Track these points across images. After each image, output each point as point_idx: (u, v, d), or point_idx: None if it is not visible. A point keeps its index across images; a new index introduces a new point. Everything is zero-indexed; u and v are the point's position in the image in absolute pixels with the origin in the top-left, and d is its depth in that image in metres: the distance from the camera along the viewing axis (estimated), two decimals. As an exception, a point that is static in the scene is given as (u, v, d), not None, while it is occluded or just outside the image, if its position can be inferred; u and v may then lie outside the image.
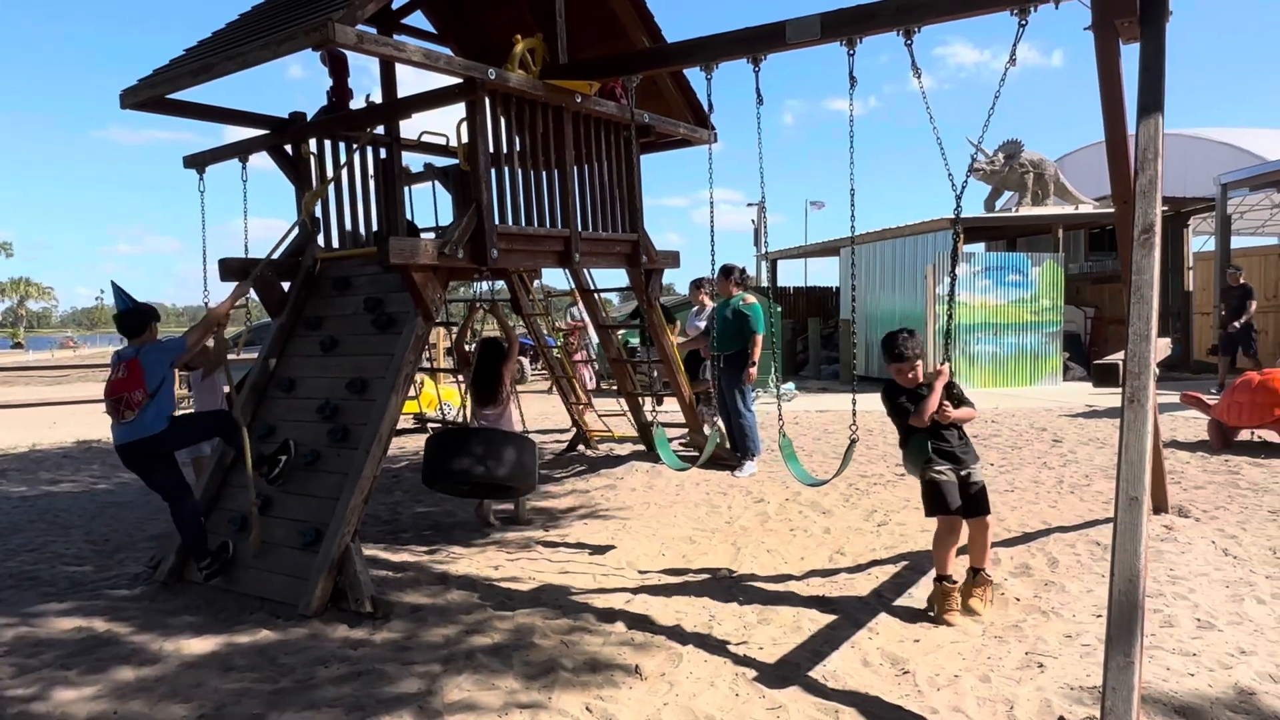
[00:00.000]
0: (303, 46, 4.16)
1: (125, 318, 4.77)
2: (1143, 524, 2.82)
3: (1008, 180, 14.70)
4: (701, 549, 5.37)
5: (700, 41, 4.99)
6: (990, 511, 4.12)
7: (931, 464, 4.07)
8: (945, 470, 4.06)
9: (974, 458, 4.15)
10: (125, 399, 4.53)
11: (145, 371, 4.54)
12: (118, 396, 4.56)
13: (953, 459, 4.08)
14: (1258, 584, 4.25)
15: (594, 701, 3.25)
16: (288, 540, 4.62)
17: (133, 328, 4.73)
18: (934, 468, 4.06)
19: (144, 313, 4.80)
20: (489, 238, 5.05)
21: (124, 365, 4.61)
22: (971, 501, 4.06)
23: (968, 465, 4.08)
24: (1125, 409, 3.03)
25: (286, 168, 5.87)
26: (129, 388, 4.53)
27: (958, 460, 4.08)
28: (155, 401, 4.54)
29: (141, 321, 4.74)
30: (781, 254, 20.56)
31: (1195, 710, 3.01)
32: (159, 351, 4.65)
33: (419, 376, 9.81)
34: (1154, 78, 3.63)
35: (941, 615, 3.99)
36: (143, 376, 4.53)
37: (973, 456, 4.14)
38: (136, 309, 4.81)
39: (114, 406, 4.58)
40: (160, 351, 4.66)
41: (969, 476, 4.06)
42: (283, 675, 3.58)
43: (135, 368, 4.55)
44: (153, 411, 4.54)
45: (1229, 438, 7.89)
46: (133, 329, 4.73)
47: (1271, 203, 18.57)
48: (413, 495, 7.06)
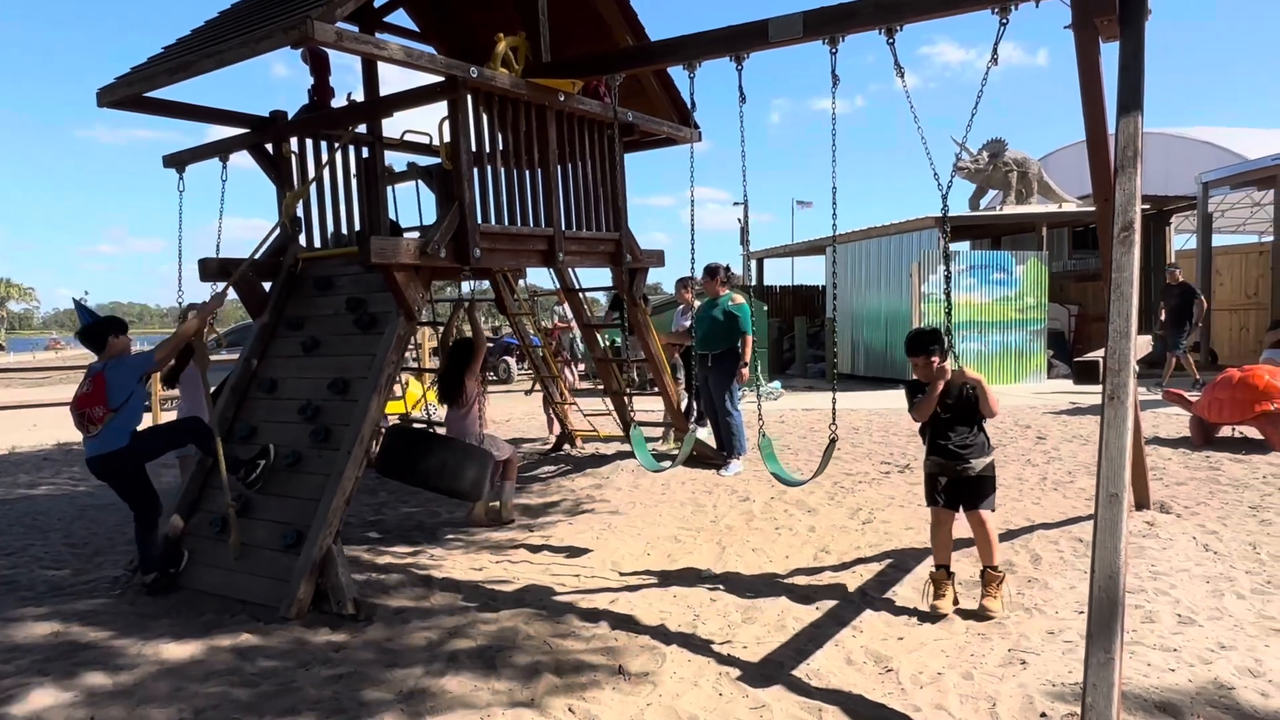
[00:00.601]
0: (281, 44, 4.12)
1: (86, 334, 4.78)
2: (1123, 520, 2.83)
3: (992, 179, 14.78)
4: (686, 548, 5.36)
5: (683, 40, 4.98)
6: (987, 507, 4.09)
7: (930, 457, 4.17)
8: (936, 463, 4.13)
9: (979, 452, 4.11)
10: (88, 414, 4.54)
11: (109, 387, 4.53)
12: (81, 411, 4.58)
13: (946, 454, 4.10)
14: (1238, 579, 4.27)
15: (577, 703, 3.23)
16: (269, 542, 4.58)
17: (95, 343, 4.73)
18: (929, 459, 4.18)
19: (103, 328, 4.78)
20: (471, 237, 5.03)
21: (90, 380, 4.62)
22: (966, 496, 4.09)
23: (966, 460, 4.07)
24: (1105, 406, 3.04)
25: (267, 167, 5.83)
26: (91, 403, 4.54)
27: (953, 456, 4.09)
28: (118, 417, 4.54)
29: (101, 337, 4.73)
30: (767, 253, 20.60)
31: (1175, 706, 3.02)
32: (125, 368, 4.65)
33: (404, 376, 9.76)
34: (1133, 76, 3.65)
35: (930, 604, 4.06)
36: (105, 392, 4.52)
37: (978, 451, 4.10)
38: (96, 325, 4.80)
39: (79, 420, 4.60)
40: (126, 368, 4.65)
41: (965, 471, 4.07)
42: (263, 679, 3.54)
43: (99, 383, 4.56)
44: (115, 427, 4.54)
45: (1210, 434, 7.95)
46: (95, 344, 4.73)
47: (1252, 201, 18.76)
48: (398, 496, 7.02)
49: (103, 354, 4.72)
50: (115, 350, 4.73)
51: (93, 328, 4.78)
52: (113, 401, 4.53)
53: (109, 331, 4.76)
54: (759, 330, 14.33)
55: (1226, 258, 17.15)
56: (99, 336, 4.73)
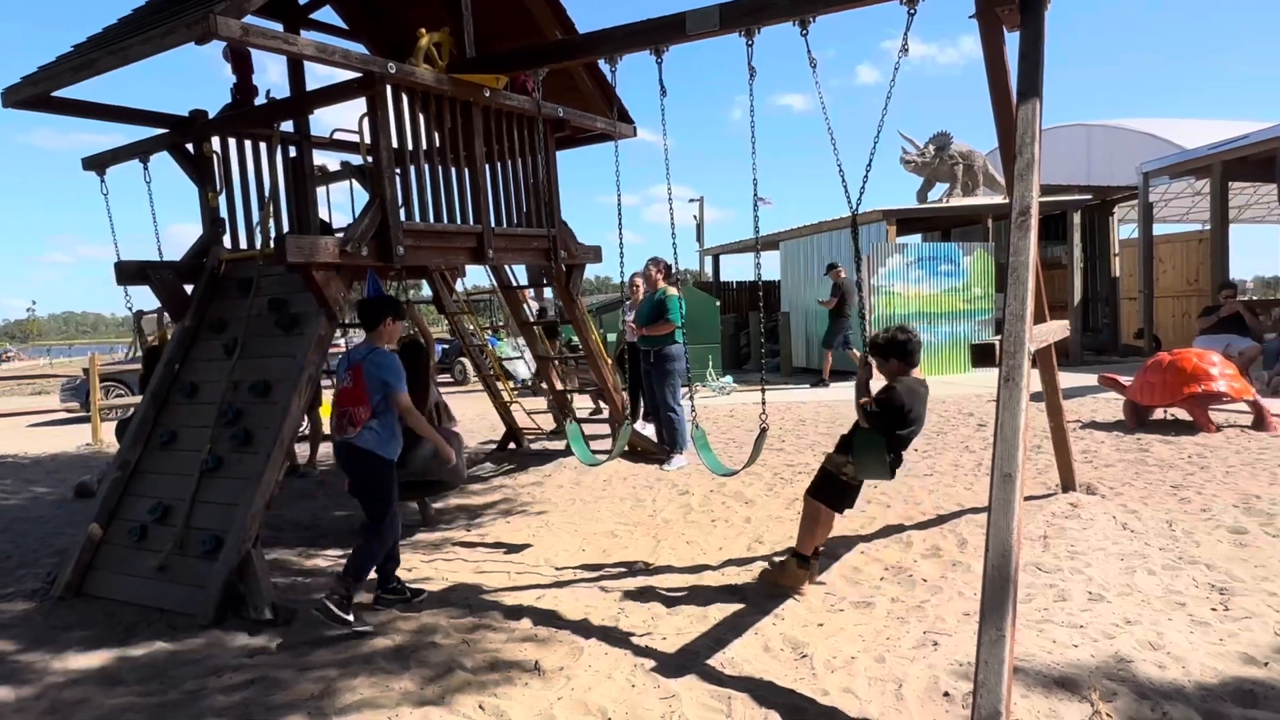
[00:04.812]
0: (185, 40, 4.04)
1: (362, 305, 4.46)
2: (1015, 500, 2.87)
3: (938, 172, 14.95)
4: (622, 543, 5.36)
5: (603, 34, 4.97)
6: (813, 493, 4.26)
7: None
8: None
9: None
10: (350, 414, 4.15)
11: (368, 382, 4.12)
12: (342, 410, 4.18)
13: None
14: (1151, 556, 4.37)
15: (488, 700, 3.21)
16: (189, 549, 4.49)
17: (369, 320, 4.32)
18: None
19: (382, 307, 4.36)
20: (394, 234, 4.97)
21: (349, 372, 4.22)
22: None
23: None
24: (1000, 388, 3.09)
25: (188, 167, 5.72)
26: (352, 401, 4.15)
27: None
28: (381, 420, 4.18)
29: (376, 315, 4.30)
30: (723, 249, 20.67)
31: (1073, 681, 3.07)
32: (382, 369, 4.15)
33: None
34: (1032, 64, 3.70)
35: (794, 588, 4.18)
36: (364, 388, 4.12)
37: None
38: (378, 301, 4.48)
39: (338, 421, 4.21)
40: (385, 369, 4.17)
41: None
42: (172, 687, 3.47)
43: (358, 377, 4.14)
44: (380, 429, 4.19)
45: (1143, 417, 8.13)
46: (369, 322, 4.32)
47: (1193, 190, 19.20)
48: (336, 501, 6.93)
49: (371, 335, 4.29)
50: (385, 336, 4.31)
51: (374, 302, 4.44)
52: (373, 400, 4.11)
53: (387, 312, 4.32)
54: (711, 325, 14.39)
55: (1169, 246, 17.55)
56: (375, 314, 4.29)
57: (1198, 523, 4.88)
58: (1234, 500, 5.28)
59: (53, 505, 7.33)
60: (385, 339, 4.32)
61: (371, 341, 4.29)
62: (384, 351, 4.25)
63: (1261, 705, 2.87)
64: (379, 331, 4.29)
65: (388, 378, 4.12)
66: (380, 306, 4.37)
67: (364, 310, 4.41)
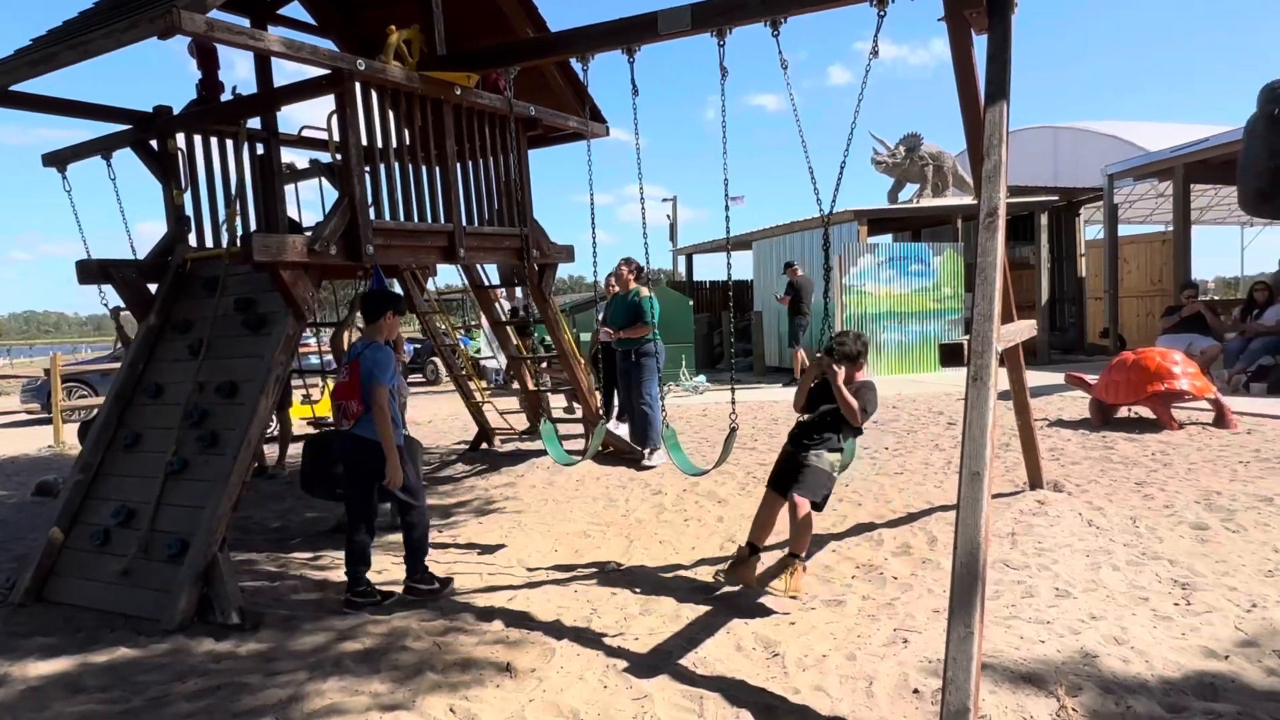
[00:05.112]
0: (148, 35, 3.96)
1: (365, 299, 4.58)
2: (984, 498, 2.90)
3: (909, 173, 15.08)
4: (595, 543, 5.34)
5: (575, 32, 4.95)
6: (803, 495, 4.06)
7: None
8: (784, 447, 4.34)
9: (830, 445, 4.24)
10: (344, 407, 4.31)
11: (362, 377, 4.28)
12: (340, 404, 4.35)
13: (794, 441, 4.30)
14: (1115, 552, 4.44)
15: (459, 702, 3.19)
16: (154, 553, 4.41)
17: (370, 314, 4.44)
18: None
19: (385, 301, 4.50)
20: (364, 233, 4.92)
21: (347, 367, 4.36)
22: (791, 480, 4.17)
23: (808, 449, 4.21)
24: (969, 387, 3.12)
25: (152, 164, 5.62)
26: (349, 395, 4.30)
27: (798, 443, 4.27)
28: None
29: (379, 308, 4.43)
30: (696, 248, 20.70)
31: (1040, 676, 3.11)
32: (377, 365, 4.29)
33: (318, 380, 9.55)
34: (1000, 66, 3.74)
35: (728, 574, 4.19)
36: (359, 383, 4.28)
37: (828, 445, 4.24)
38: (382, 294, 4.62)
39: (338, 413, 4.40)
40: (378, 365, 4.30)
41: (801, 458, 4.20)
42: (135, 694, 3.41)
43: (355, 371, 4.28)
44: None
45: (1108, 415, 8.25)
46: (370, 315, 4.45)
47: (1157, 192, 19.55)
48: (304, 502, 6.83)
49: (371, 328, 4.41)
50: (384, 331, 4.41)
51: (375, 296, 4.56)
52: (364, 396, 4.25)
53: (388, 307, 4.45)
54: (684, 325, 14.42)
55: (1133, 246, 17.85)
56: (375, 308, 4.42)
57: (1161, 519, 4.97)
58: (1196, 496, 5.38)
59: (13, 509, 7.16)
60: (384, 333, 4.43)
61: (370, 336, 4.40)
62: (379, 346, 4.35)
63: (1222, 698, 2.92)
64: (379, 325, 4.41)
65: (375, 371, 4.23)
66: (381, 300, 4.49)
67: (365, 304, 4.52)
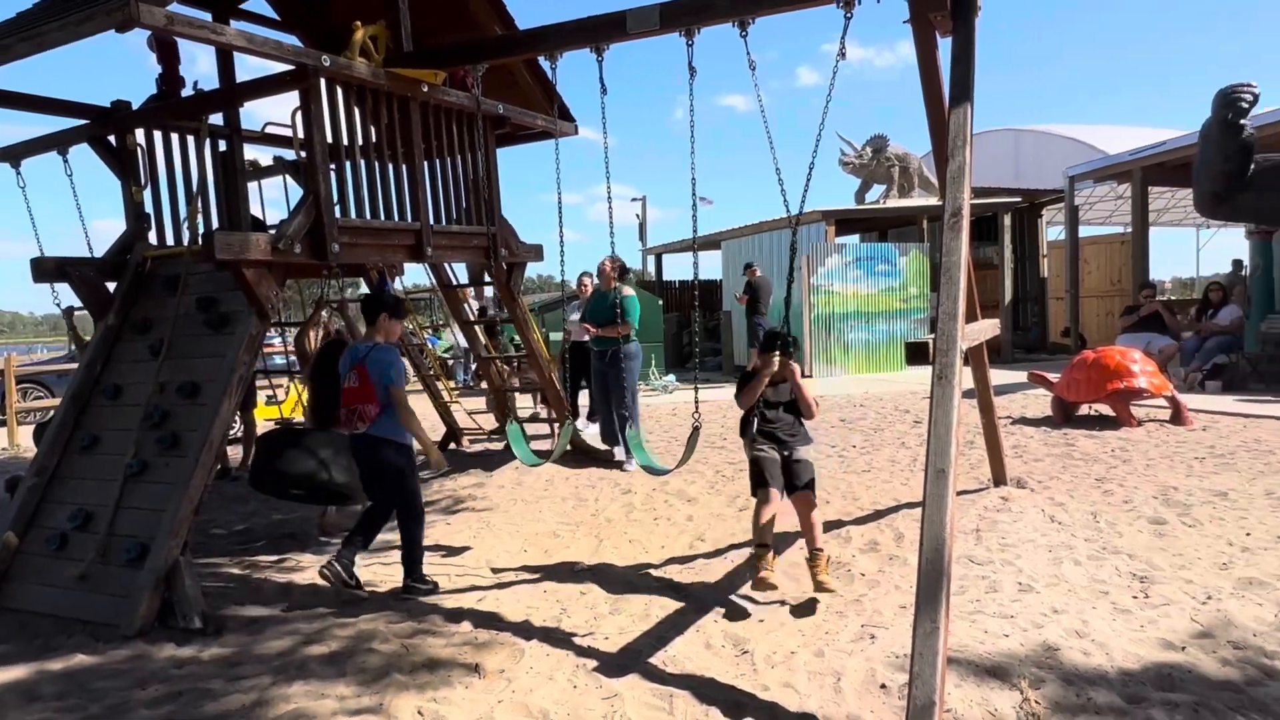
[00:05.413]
0: (104, 28, 3.87)
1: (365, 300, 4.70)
2: (949, 495, 2.93)
3: (875, 173, 15.24)
4: (564, 543, 5.33)
5: (544, 30, 4.92)
6: (810, 491, 4.19)
7: (755, 443, 4.25)
8: (766, 448, 4.23)
9: (802, 440, 4.29)
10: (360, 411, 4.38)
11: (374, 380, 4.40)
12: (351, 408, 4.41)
13: (774, 439, 4.24)
14: (1077, 547, 4.52)
15: (427, 704, 3.16)
16: (113, 557, 4.32)
17: (369, 315, 4.55)
18: (757, 446, 4.24)
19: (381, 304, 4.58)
20: (329, 231, 4.86)
21: (354, 372, 4.42)
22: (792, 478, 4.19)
23: (791, 447, 4.22)
24: (934, 385, 3.15)
25: (110, 160, 5.49)
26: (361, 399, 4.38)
27: (779, 441, 4.24)
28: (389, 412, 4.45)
29: (375, 311, 4.53)
30: (665, 248, 20.74)
31: (1004, 669, 3.16)
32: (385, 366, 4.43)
33: (284, 380, 9.41)
34: (964, 69, 3.80)
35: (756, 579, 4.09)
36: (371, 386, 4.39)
37: (801, 439, 4.28)
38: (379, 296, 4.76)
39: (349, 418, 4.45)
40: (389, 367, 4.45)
41: (790, 456, 4.20)
42: (93, 701, 3.33)
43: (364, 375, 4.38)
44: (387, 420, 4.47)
45: (1070, 412, 8.41)
46: (368, 316, 4.56)
47: (1116, 194, 19.95)
48: (269, 504, 6.73)
49: (369, 331, 4.50)
50: (384, 332, 4.49)
51: (372, 298, 4.67)
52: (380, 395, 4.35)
53: (383, 309, 4.52)
54: (654, 324, 14.43)
55: (1094, 247, 18.19)
56: (372, 310, 4.51)
57: (1120, 514, 5.07)
58: (1154, 492, 5.49)
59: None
60: (384, 335, 4.50)
61: (371, 338, 4.50)
62: (385, 348, 4.46)
63: (1179, 688, 2.99)
64: (377, 327, 4.49)
65: (390, 373, 4.37)
66: (378, 303, 4.59)
67: (365, 306, 4.63)
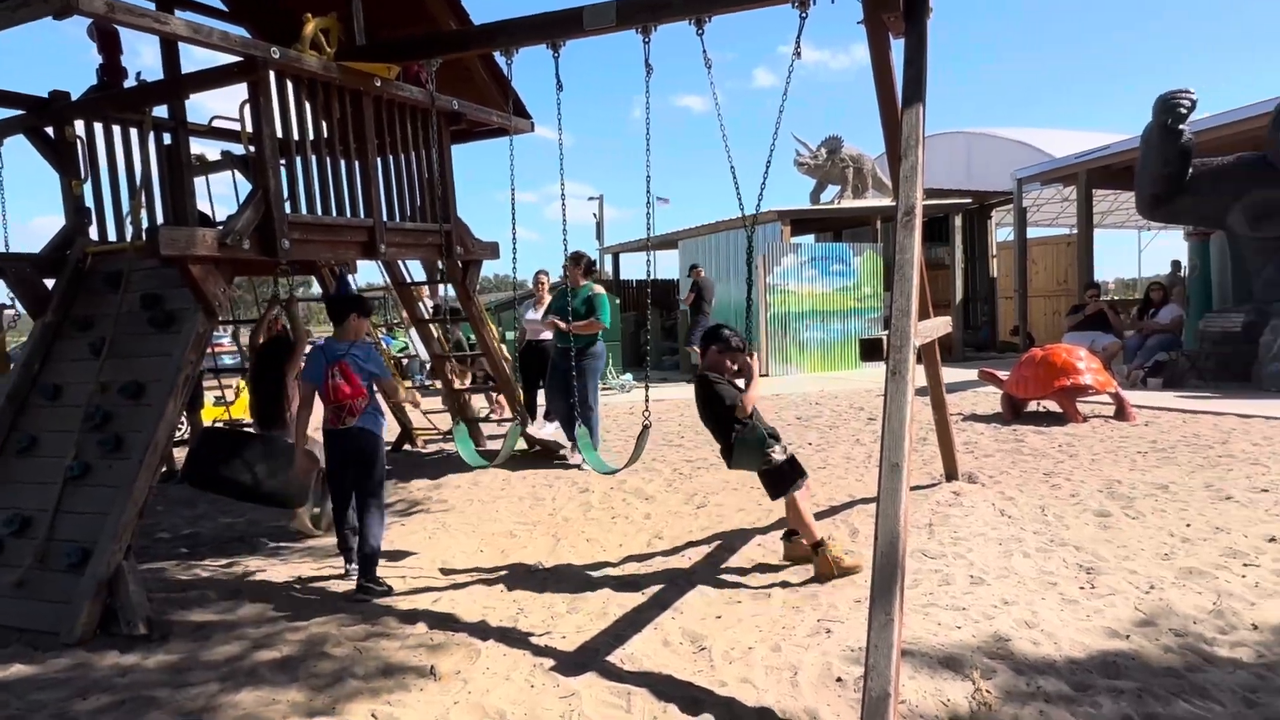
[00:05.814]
0: (42, 14, 3.74)
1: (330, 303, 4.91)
2: (903, 489, 2.97)
3: (830, 174, 15.44)
4: (521, 543, 5.29)
5: (499, 25, 4.89)
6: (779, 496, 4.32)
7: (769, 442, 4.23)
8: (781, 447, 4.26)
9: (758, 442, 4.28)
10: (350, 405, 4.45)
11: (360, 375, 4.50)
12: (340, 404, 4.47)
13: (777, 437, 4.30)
14: (1026, 540, 4.62)
15: (381, 708, 3.11)
16: (52, 563, 4.17)
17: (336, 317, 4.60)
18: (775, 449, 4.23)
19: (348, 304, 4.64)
20: (279, 227, 4.76)
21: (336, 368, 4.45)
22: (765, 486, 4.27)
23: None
24: (888, 380, 3.19)
25: (48, 152, 5.32)
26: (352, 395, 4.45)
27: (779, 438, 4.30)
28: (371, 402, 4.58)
29: (343, 312, 4.58)
30: (623, 247, 20.75)
31: (957, 660, 3.21)
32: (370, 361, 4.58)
33: (235, 380, 9.21)
34: (916, 70, 3.85)
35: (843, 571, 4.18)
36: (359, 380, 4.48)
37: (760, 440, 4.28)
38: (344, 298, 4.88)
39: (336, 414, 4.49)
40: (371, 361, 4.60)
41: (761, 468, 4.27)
42: (31, 712, 3.21)
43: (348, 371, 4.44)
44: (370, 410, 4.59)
45: (1019, 409, 8.60)
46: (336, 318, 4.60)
47: (1062, 196, 20.46)
48: (218, 507, 6.57)
49: (339, 332, 4.53)
50: (353, 332, 4.55)
51: (337, 299, 4.81)
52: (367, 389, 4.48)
53: (351, 309, 4.58)
54: (613, 324, 14.42)
55: (1042, 248, 18.65)
56: (340, 311, 4.56)
57: (1067, 507, 5.20)
58: (1099, 485, 5.64)
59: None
60: (354, 334, 4.57)
61: (343, 337, 4.55)
62: (363, 345, 4.60)
63: (1124, 675, 3.07)
64: (346, 327, 4.54)
65: (374, 369, 4.53)
66: (344, 303, 4.66)
67: (330, 308, 4.77)
